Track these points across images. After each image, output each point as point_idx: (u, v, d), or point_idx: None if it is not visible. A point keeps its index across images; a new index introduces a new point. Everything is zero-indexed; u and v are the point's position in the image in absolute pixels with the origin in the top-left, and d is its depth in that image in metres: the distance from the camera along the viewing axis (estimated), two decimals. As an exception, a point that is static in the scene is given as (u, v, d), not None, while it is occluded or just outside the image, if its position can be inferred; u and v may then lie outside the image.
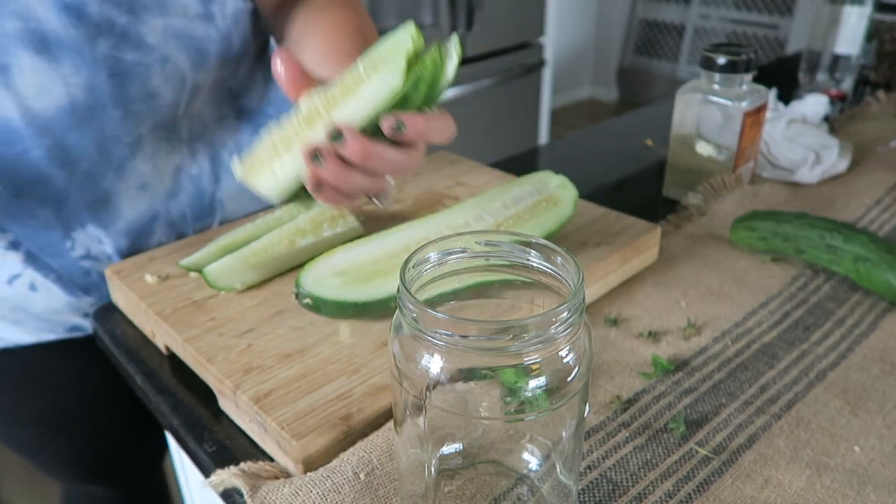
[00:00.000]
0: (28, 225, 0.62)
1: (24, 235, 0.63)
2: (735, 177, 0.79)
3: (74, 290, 0.68)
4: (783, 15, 3.43)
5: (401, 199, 0.73)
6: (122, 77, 0.59)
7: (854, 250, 0.61)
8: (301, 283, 0.53)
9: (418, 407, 0.33)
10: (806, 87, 1.12)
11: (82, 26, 0.55)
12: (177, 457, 0.73)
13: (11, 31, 0.52)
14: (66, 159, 0.59)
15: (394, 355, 0.34)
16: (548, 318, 0.30)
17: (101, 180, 0.63)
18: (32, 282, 0.66)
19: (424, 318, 0.31)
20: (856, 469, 0.44)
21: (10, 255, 0.64)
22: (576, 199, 0.63)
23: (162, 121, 0.64)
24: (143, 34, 0.58)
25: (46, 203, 0.61)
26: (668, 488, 0.43)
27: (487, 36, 2.37)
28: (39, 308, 0.67)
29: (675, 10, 3.85)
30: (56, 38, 0.54)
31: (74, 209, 0.63)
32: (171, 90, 0.63)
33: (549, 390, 0.32)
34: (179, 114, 0.66)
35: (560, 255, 0.35)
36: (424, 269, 0.35)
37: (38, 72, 0.54)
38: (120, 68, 0.58)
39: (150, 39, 0.58)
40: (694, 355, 0.54)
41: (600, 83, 4.27)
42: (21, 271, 0.65)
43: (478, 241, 0.36)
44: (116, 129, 0.61)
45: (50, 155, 0.58)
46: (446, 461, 0.40)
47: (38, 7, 0.52)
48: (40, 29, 0.53)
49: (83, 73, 0.56)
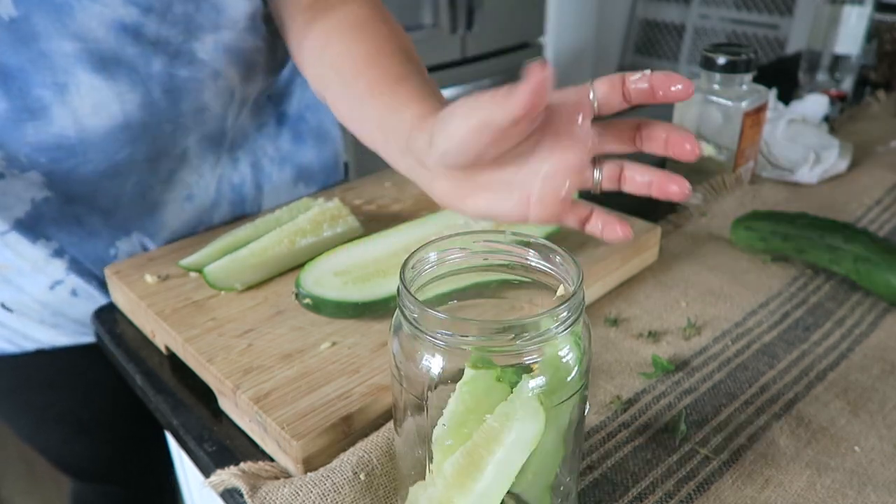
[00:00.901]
0: (74, 233, 0.63)
1: (69, 243, 0.63)
2: (735, 177, 0.79)
3: None
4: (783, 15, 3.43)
5: (401, 199, 0.73)
6: (176, 93, 0.59)
7: (854, 250, 0.61)
8: (301, 283, 0.53)
9: (418, 407, 0.33)
10: (806, 87, 1.12)
11: (139, 45, 0.55)
12: (177, 457, 0.73)
13: (70, 51, 0.53)
14: (116, 172, 0.60)
15: (394, 355, 0.34)
16: (547, 318, 0.30)
17: (149, 192, 0.63)
18: (74, 288, 0.66)
19: (424, 318, 0.31)
20: (856, 469, 0.44)
21: (54, 263, 0.64)
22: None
23: (209, 133, 0.65)
24: (196, 50, 0.58)
25: (94, 212, 0.62)
26: (668, 488, 0.43)
27: (487, 36, 2.37)
28: (79, 313, 0.68)
29: (675, 10, 3.85)
30: (113, 57, 0.54)
31: (122, 219, 0.63)
32: (221, 103, 0.63)
33: (549, 390, 0.32)
34: (227, 125, 0.66)
35: (559, 254, 0.35)
36: (424, 269, 0.35)
37: (95, 90, 0.55)
38: (174, 84, 0.58)
39: (202, 55, 0.59)
40: (694, 355, 0.54)
41: (600, 83, 4.26)
42: (63, 277, 0.65)
43: (476, 241, 0.36)
44: (167, 142, 0.61)
45: (101, 169, 0.58)
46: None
47: (97, 27, 0.53)
48: (98, 48, 0.54)
49: (138, 90, 0.57)
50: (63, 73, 0.53)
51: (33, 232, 0.61)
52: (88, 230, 0.63)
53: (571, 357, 0.32)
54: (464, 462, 0.32)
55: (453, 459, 0.32)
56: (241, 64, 0.62)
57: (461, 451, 0.32)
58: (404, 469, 0.38)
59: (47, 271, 0.64)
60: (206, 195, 0.68)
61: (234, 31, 0.60)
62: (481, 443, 0.32)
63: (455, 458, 0.32)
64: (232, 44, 0.60)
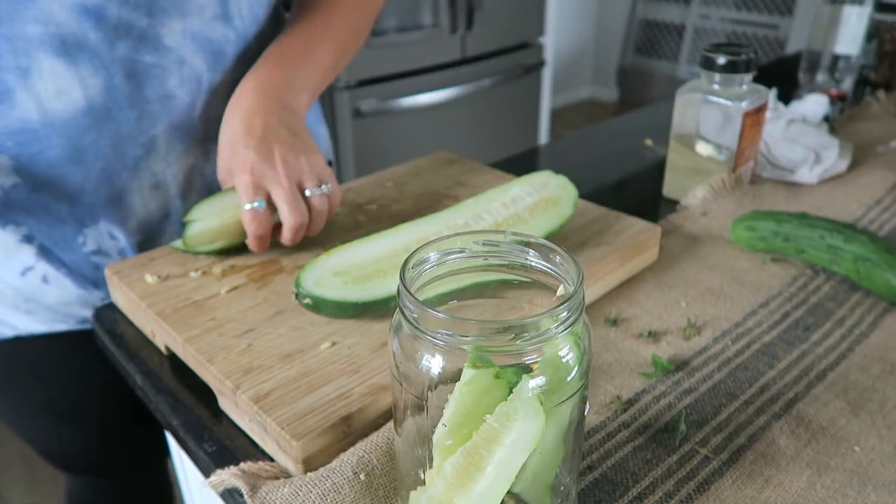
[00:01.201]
0: (42, 219, 0.63)
1: (38, 229, 0.64)
2: (735, 177, 0.79)
3: (85, 283, 0.68)
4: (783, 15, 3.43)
5: (401, 199, 0.73)
6: (139, 79, 0.59)
7: (854, 250, 0.61)
8: (301, 283, 0.53)
9: (418, 407, 0.33)
10: (806, 87, 1.12)
11: (101, 29, 0.55)
12: (177, 457, 0.73)
13: (33, 34, 0.53)
14: (81, 158, 0.60)
15: (394, 355, 0.34)
16: (547, 318, 0.30)
17: (115, 179, 0.63)
18: (45, 274, 0.66)
19: (424, 318, 0.31)
20: (856, 469, 0.44)
21: (23, 248, 0.64)
22: (575, 200, 0.63)
23: (177, 121, 0.65)
24: (162, 36, 0.58)
25: (62, 199, 0.62)
26: (668, 488, 0.43)
27: (487, 36, 2.37)
28: (51, 300, 0.68)
29: (675, 10, 3.85)
30: (75, 41, 0.55)
31: (89, 206, 0.63)
32: (187, 91, 0.63)
33: (549, 390, 0.32)
34: (195, 115, 0.66)
35: (559, 254, 0.35)
36: (424, 269, 0.35)
37: (57, 74, 0.55)
38: (137, 70, 0.58)
39: (169, 42, 0.59)
40: (694, 355, 0.54)
41: (600, 83, 4.27)
42: (34, 264, 0.65)
43: (476, 241, 0.36)
44: (132, 129, 0.61)
45: (66, 154, 0.59)
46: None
47: (58, 11, 0.53)
48: (60, 32, 0.54)
49: (101, 74, 0.57)
50: (26, 56, 0.53)
51: (3, 217, 0.61)
52: (55, 217, 0.63)
53: (571, 357, 0.32)
54: (464, 462, 0.32)
55: (453, 460, 0.32)
56: (208, 52, 0.62)
57: (461, 452, 0.32)
58: (404, 469, 0.38)
59: (18, 257, 0.64)
60: (175, 185, 0.68)
61: (201, 19, 0.60)
62: (481, 443, 0.32)
63: (455, 459, 0.32)
64: (200, 32, 0.60)
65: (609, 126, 1.12)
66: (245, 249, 0.62)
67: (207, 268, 0.61)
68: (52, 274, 0.66)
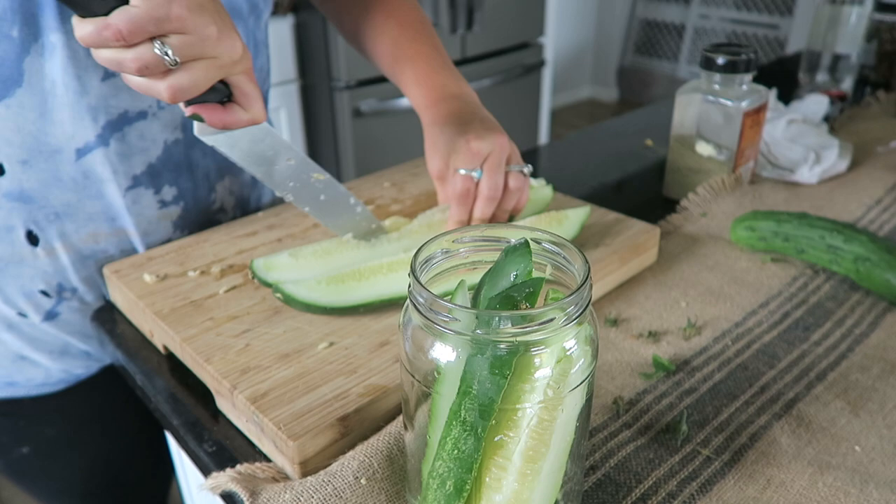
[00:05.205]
0: (188, 178, 0.67)
1: (185, 189, 0.67)
2: (735, 177, 0.79)
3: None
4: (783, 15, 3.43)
5: (400, 199, 0.73)
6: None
7: (854, 250, 0.61)
8: (255, 268, 0.57)
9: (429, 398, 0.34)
10: (806, 87, 1.12)
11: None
12: (177, 457, 0.73)
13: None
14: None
15: (404, 349, 0.34)
16: (555, 310, 0.31)
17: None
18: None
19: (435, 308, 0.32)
20: (857, 468, 0.44)
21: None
22: (584, 221, 0.63)
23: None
24: None
25: (206, 154, 0.67)
26: (670, 489, 0.43)
27: (487, 36, 2.37)
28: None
29: (675, 10, 3.85)
30: None
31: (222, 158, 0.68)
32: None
33: (554, 381, 0.32)
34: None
35: (566, 247, 0.35)
36: (434, 262, 0.36)
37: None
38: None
39: None
40: (694, 355, 0.54)
41: (600, 83, 4.27)
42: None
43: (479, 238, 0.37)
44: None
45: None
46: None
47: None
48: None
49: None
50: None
51: (161, 178, 0.64)
52: (203, 173, 0.67)
53: (577, 349, 0.33)
54: (531, 444, 0.33)
55: (519, 450, 0.33)
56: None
57: (525, 441, 0.33)
58: (413, 466, 0.38)
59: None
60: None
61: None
62: (545, 416, 0.33)
63: (520, 448, 0.33)
64: None
65: (609, 126, 1.11)
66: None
67: (206, 267, 0.60)
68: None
